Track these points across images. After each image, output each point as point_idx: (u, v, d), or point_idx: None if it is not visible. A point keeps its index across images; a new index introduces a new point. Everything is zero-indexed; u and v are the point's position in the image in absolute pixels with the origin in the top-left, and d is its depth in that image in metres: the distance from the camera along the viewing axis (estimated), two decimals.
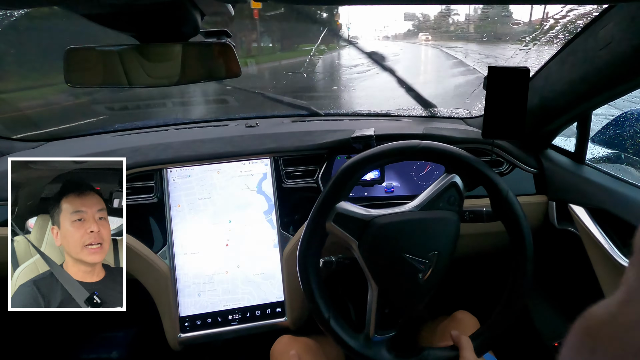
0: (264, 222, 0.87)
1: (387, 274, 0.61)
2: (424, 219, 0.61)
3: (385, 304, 0.61)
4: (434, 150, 0.63)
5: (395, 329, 0.63)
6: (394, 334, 0.63)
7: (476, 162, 0.62)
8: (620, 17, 0.55)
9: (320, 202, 0.62)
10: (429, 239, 0.61)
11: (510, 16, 3.30)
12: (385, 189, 0.93)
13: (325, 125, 1.02)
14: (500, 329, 0.62)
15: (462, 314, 0.80)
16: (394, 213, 0.62)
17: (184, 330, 0.84)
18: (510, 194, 0.62)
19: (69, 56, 0.47)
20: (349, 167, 0.62)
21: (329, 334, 0.62)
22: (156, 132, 1.06)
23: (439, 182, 0.63)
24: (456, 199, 0.62)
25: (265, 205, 0.87)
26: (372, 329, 0.62)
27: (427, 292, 0.62)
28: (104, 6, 0.39)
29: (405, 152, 0.63)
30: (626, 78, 0.60)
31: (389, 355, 0.62)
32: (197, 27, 0.47)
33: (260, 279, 0.87)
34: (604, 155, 0.99)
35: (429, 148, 0.63)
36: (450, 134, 0.90)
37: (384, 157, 0.63)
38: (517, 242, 0.62)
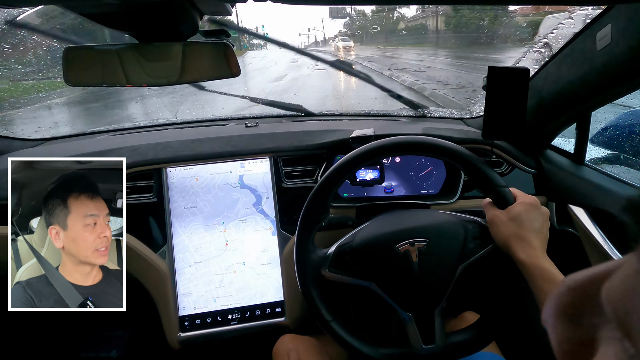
0: (256, 214, 0.87)
1: (384, 269, 0.61)
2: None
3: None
4: (422, 143, 0.62)
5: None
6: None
7: (470, 157, 0.61)
8: (618, 18, 0.55)
9: (312, 195, 0.62)
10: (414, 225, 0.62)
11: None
12: (385, 189, 0.93)
13: (325, 125, 1.02)
14: (502, 314, 0.61)
15: (470, 315, 0.80)
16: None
17: (183, 329, 0.84)
18: (503, 186, 0.60)
19: (68, 55, 0.47)
20: (336, 169, 0.62)
21: (346, 346, 0.61)
22: (154, 132, 1.06)
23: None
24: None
25: (252, 198, 0.87)
26: (420, 340, 0.60)
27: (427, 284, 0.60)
28: (103, 5, 0.39)
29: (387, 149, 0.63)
30: (624, 79, 0.60)
31: (405, 348, 0.61)
32: (196, 26, 0.47)
33: (268, 270, 0.87)
34: (604, 156, 0.99)
35: (420, 142, 0.62)
36: (450, 134, 0.90)
37: (363, 158, 0.62)
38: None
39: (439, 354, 0.60)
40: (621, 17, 0.55)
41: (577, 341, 0.15)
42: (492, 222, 0.58)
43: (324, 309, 0.61)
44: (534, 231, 0.54)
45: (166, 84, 0.49)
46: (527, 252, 0.52)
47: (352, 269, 0.61)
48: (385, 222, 0.65)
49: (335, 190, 0.62)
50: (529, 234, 0.54)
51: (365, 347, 0.61)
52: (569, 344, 0.15)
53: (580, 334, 0.14)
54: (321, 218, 0.62)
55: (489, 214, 0.60)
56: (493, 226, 0.58)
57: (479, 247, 0.61)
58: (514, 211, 0.56)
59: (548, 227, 0.57)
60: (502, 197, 0.59)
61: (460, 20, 11.08)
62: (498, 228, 0.57)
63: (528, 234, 0.54)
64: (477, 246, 0.61)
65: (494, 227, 0.58)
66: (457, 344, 0.61)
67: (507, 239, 0.55)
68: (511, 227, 0.55)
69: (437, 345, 0.59)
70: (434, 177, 0.94)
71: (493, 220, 0.58)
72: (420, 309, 0.60)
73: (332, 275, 0.61)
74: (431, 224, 0.62)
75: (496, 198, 0.60)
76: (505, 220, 0.56)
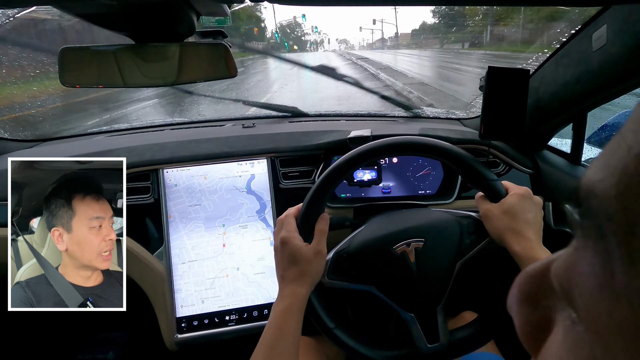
0: (257, 221, 0.87)
1: (383, 272, 0.61)
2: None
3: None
4: (414, 144, 0.61)
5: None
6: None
7: (461, 154, 0.60)
8: (613, 18, 0.55)
9: (309, 197, 0.61)
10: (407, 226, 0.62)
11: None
12: (382, 190, 0.93)
13: (322, 125, 1.02)
14: (501, 311, 0.60)
15: (468, 315, 0.80)
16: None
17: (180, 330, 0.84)
18: (494, 179, 0.59)
19: (63, 56, 0.47)
20: (334, 169, 0.61)
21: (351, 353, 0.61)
22: (151, 133, 1.06)
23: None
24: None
25: (257, 205, 0.87)
26: (424, 339, 0.60)
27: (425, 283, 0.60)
28: (99, 6, 0.39)
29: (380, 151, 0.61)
30: (620, 79, 0.60)
31: (410, 349, 0.61)
32: (192, 27, 0.47)
33: (260, 279, 0.87)
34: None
35: (413, 143, 0.61)
36: (447, 135, 0.90)
37: (361, 159, 0.61)
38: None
39: (444, 352, 0.60)
40: (617, 18, 0.55)
41: (535, 323, 0.16)
42: (486, 216, 0.58)
43: (326, 316, 0.61)
44: (527, 222, 0.54)
45: (163, 84, 0.49)
46: (522, 244, 0.52)
47: (351, 274, 0.61)
48: (380, 225, 0.65)
49: (332, 190, 0.62)
50: (523, 225, 0.54)
51: (370, 352, 0.61)
52: (529, 327, 0.16)
53: (538, 316, 0.16)
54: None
55: (482, 208, 0.59)
56: (487, 220, 0.58)
57: (476, 242, 0.61)
58: (506, 203, 0.56)
59: (542, 217, 0.57)
60: (493, 190, 0.59)
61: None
62: (492, 222, 0.57)
63: (522, 226, 0.54)
64: (474, 241, 0.61)
65: (488, 221, 0.58)
66: (461, 340, 0.61)
67: (501, 232, 0.55)
68: (505, 220, 0.55)
69: (442, 343, 0.59)
70: (432, 177, 0.94)
71: (486, 214, 0.58)
72: (421, 308, 0.60)
73: (331, 282, 0.61)
74: (426, 223, 0.62)
75: (488, 192, 0.60)
76: (499, 213, 0.56)
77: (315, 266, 0.55)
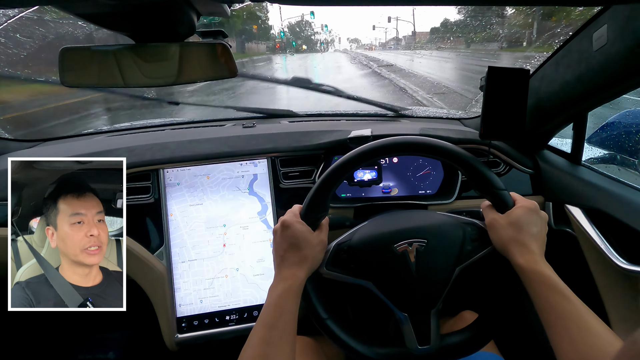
0: (258, 222, 0.87)
1: (381, 269, 0.60)
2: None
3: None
4: (422, 145, 0.61)
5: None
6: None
7: (470, 158, 0.60)
8: (614, 18, 0.55)
9: (310, 195, 0.61)
10: (410, 226, 0.62)
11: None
12: (383, 190, 0.93)
13: (322, 125, 1.02)
14: (500, 315, 0.60)
15: (468, 314, 0.80)
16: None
17: (181, 330, 0.84)
18: (503, 189, 0.59)
19: (64, 56, 0.47)
20: (334, 169, 0.61)
21: (343, 349, 0.60)
22: (152, 132, 1.05)
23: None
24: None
25: (258, 206, 0.87)
26: (415, 340, 0.60)
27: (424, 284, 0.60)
28: (99, 6, 0.39)
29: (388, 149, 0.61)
30: (621, 79, 0.60)
31: (403, 348, 0.61)
32: (193, 27, 0.47)
33: (259, 280, 0.87)
34: (600, 156, 1.00)
35: (418, 143, 0.61)
36: (447, 135, 0.90)
37: (361, 159, 0.61)
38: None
39: (434, 355, 0.60)
40: (617, 18, 0.55)
41: None
42: (491, 225, 0.58)
43: (320, 307, 0.61)
44: (532, 236, 0.54)
45: (163, 84, 0.49)
46: (525, 257, 0.52)
47: (349, 267, 0.61)
48: (384, 222, 0.65)
49: (333, 190, 0.62)
50: (528, 238, 0.54)
51: (360, 346, 0.61)
52: None
53: None
54: (319, 217, 0.62)
55: (487, 218, 0.59)
56: (492, 230, 0.58)
57: (477, 250, 0.61)
58: (513, 215, 0.56)
59: (546, 232, 0.57)
60: (501, 200, 0.58)
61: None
62: (497, 232, 0.57)
63: (527, 239, 0.54)
64: (475, 248, 0.61)
65: (493, 230, 0.58)
66: (452, 346, 0.61)
67: (505, 243, 0.55)
68: (510, 231, 0.55)
69: (432, 346, 0.59)
70: (432, 177, 0.94)
71: (492, 224, 0.58)
72: (416, 309, 0.60)
73: (329, 273, 0.61)
74: (430, 224, 0.62)
75: (496, 201, 0.59)
76: (505, 224, 0.56)
77: (317, 253, 0.57)
